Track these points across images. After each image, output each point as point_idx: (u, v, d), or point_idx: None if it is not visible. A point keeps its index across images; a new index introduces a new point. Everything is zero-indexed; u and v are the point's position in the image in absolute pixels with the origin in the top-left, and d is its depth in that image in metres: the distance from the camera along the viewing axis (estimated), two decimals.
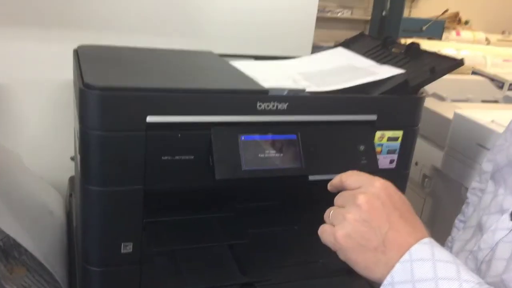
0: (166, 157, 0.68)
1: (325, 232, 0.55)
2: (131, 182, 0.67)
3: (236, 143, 0.70)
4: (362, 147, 0.77)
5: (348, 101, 0.77)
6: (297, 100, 0.74)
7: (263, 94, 0.71)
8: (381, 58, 0.94)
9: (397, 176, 0.83)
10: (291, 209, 0.79)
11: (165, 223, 0.71)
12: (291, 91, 0.75)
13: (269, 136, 0.72)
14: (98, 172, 0.66)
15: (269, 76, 0.86)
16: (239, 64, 0.88)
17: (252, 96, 0.70)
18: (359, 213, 0.52)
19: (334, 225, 0.54)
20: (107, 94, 0.64)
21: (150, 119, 0.66)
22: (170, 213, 0.72)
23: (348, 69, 0.88)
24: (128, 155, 0.66)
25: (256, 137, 0.72)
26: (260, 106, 0.71)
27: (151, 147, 0.67)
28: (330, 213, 0.56)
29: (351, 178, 0.57)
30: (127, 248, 0.70)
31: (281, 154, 0.72)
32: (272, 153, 0.72)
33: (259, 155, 0.71)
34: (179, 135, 0.68)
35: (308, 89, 0.78)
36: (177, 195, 0.71)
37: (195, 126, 0.68)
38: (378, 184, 0.55)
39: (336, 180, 0.59)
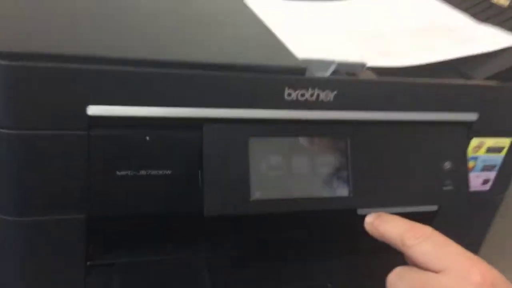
0: (123, 172, 0.41)
1: None
2: (67, 208, 0.41)
3: (244, 154, 0.42)
4: (448, 164, 0.48)
5: (435, 89, 0.47)
6: (352, 86, 0.44)
7: (297, 74, 0.42)
8: (478, 11, 0.62)
9: (488, 202, 0.56)
10: (324, 253, 0.50)
11: (119, 267, 0.45)
12: (342, 65, 0.45)
13: (301, 143, 0.44)
14: (13, 195, 0.40)
15: (305, 33, 0.56)
16: (259, 7, 0.57)
17: (278, 78, 0.41)
18: None
19: None
20: (21, 66, 0.36)
21: (94, 110, 0.38)
22: (128, 252, 0.45)
23: (433, 28, 0.57)
24: (60, 168, 0.39)
25: (278, 143, 0.43)
26: (289, 94, 0.42)
27: (99, 156, 0.40)
28: None
29: (423, 247, 0.35)
30: None
31: (317, 173, 0.44)
32: (302, 171, 0.44)
33: (280, 174, 0.43)
34: (147, 137, 0.40)
35: (370, 63, 0.48)
36: (140, 226, 0.44)
37: (176, 124, 0.40)
38: (478, 276, 0.32)
39: (393, 234, 0.37)
